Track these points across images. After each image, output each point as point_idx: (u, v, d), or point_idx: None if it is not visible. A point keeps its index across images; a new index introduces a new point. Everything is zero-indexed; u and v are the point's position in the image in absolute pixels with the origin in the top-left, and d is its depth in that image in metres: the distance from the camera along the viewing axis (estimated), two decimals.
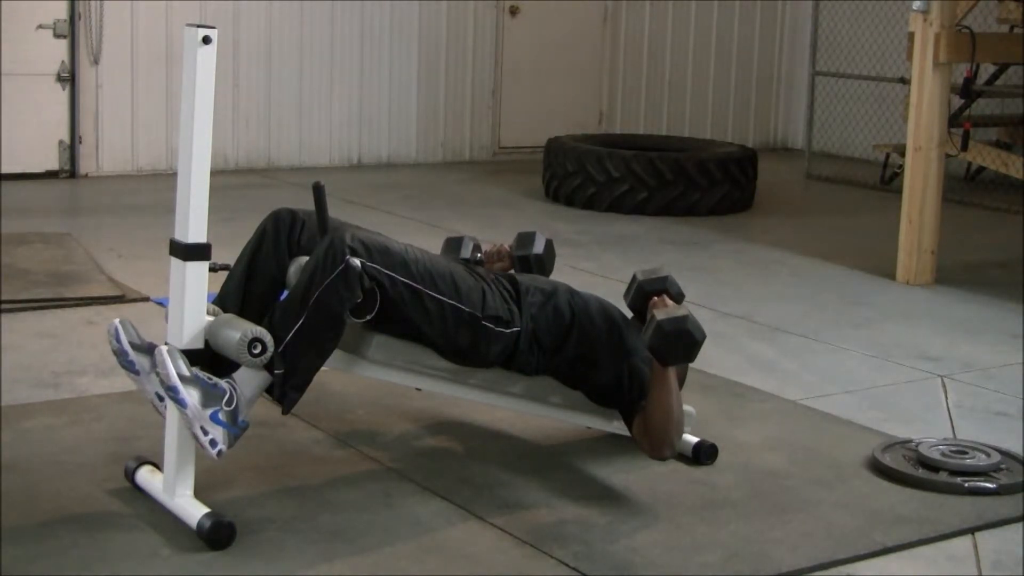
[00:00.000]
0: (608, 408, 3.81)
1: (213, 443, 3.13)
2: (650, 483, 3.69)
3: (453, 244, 4.10)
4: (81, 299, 5.48)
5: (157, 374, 3.15)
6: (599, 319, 3.72)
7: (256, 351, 3.15)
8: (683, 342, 3.43)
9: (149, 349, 3.28)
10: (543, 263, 4.05)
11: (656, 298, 3.65)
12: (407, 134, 10.19)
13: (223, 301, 3.44)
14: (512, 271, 3.97)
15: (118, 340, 3.31)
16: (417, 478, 3.66)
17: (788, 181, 10.14)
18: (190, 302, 3.20)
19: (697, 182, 8.34)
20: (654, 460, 3.62)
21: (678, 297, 3.70)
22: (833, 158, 11.03)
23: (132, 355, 3.30)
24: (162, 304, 4.90)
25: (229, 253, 3.55)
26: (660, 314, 3.44)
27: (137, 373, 3.32)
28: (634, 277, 3.80)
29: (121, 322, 3.34)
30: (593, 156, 8.41)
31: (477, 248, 4.08)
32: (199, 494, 3.28)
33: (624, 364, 3.67)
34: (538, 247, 4.05)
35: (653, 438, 3.54)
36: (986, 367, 5.08)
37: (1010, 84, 9.62)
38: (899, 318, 5.88)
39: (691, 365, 4.01)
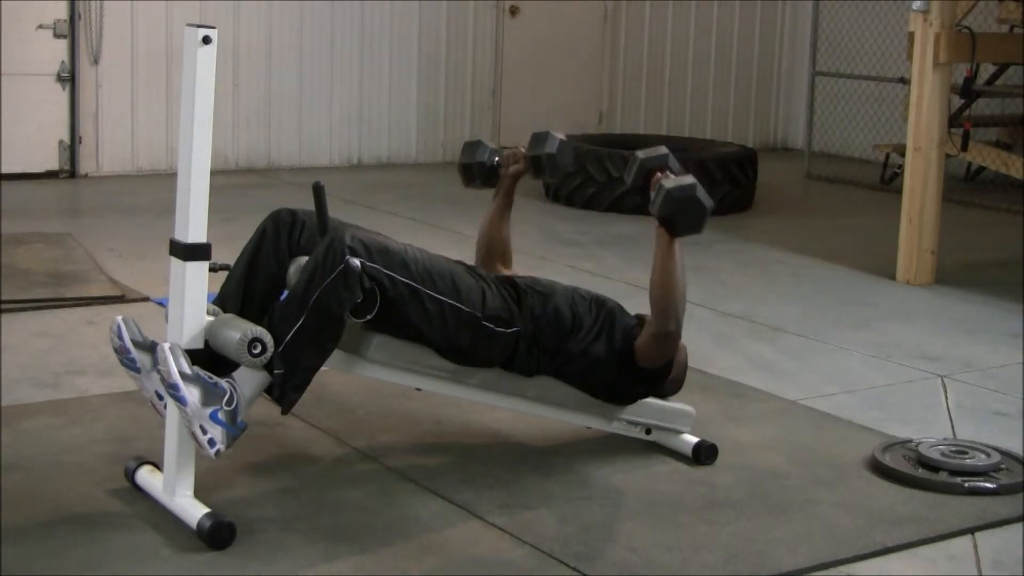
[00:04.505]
0: (612, 404, 3.80)
1: (212, 442, 3.13)
2: (650, 483, 3.69)
3: (470, 148, 4.06)
4: (81, 299, 5.48)
5: (158, 371, 3.15)
6: (599, 318, 3.72)
7: (256, 351, 3.15)
8: (692, 209, 3.45)
9: (151, 347, 3.28)
10: (556, 163, 3.95)
11: (659, 173, 3.65)
12: (407, 134, 10.19)
13: (223, 301, 3.44)
14: (512, 275, 3.98)
15: (120, 337, 3.31)
16: (417, 478, 3.66)
17: (788, 181, 10.14)
18: (190, 302, 3.20)
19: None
20: (660, 336, 3.63)
21: (679, 173, 3.69)
22: (833, 158, 11.03)
23: (134, 352, 3.30)
24: (162, 304, 4.89)
25: (229, 253, 3.55)
26: (668, 183, 3.47)
27: (138, 371, 3.32)
28: (635, 156, 3.76)
29: (124, 319, 3.35)
30: (593, 156, 8.41)
31: (495, 152, 4.05)
32: (199, 494, 3.28)
33: (626, 359, 3.68)
34: (551, 147, 3.94)
35: (658, 310, 3.57)
36: (986, 367, 5.08)
37: (1010, 84, 9.61)
38: (899, 318, 5.88)
39: (691, 365, 4.03)
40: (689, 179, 3.50)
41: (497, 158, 4.03)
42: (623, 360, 3.69)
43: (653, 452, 3.91)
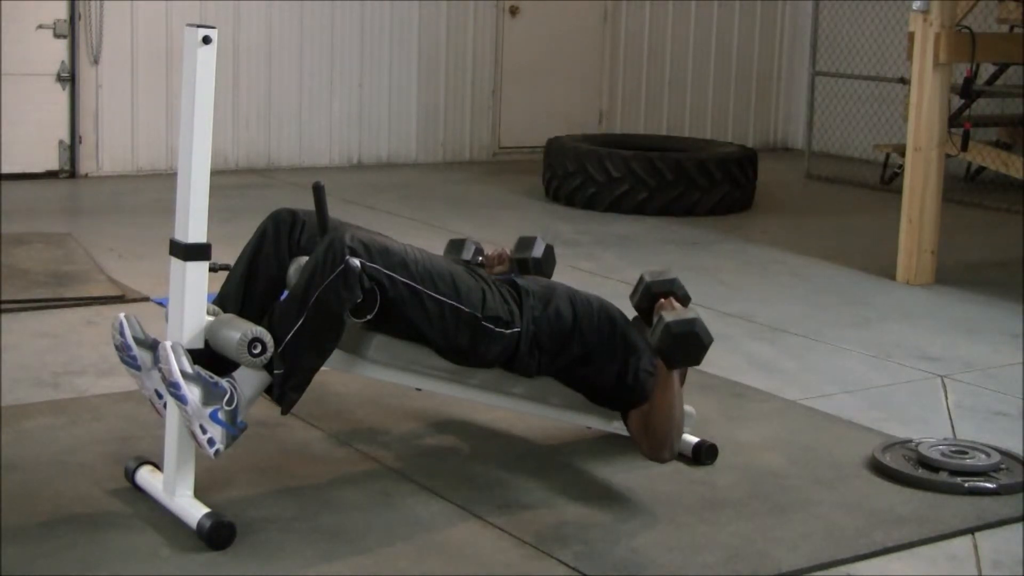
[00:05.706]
0: (609, 409, 3.80)
1: (211, 442, 3.13)
2: (650, 483, 3.69)
3: (455, 246, 4.10)
4: (81, 299, 5.48)
5: (160, 370, 3.15)
6: (600, 320, 3.71)
7: (256, 351, 3.15)
8: (691, 345, 3.41)
9: (152, 345, 3.28)
10: (541, 267, 4.05)
11: (663, 299, 3.62)
12: (407, 134, 10.20)
13: (223, 301, 3.44)
14: (512, 275, 3.98)
15: (122, 334, 3.31)
16: (417, 478, 3.66)
17: (788, 181, 10.14)
18: (190, 302, 3.20)
19: (697, 182, 8.34)
20: (652, 462, 3.62)
21: (685, 300, 3.67)
22: (833, 158, 11.03)
23: (135, 350, 3.30)
24: (162, 304, 4.89)
25: (229, 253, 3.55)
26: (669, 316, 3.42)
27: (138, 369, 3.32)
28: (641, 278, 3.77)
29: (126, 316, 3.35)
30: (593, 156, 8.41)
31: (479, 251, 4.08)
32: (199, 494, 3.28)
33: (626, 365, 3.66)
34: (537, 251, 4.05)
35: (653, 440, 3.54)
36: (986, 367, 5.08)
37: (1010, 84, 9.61)
38: (899, 318, 5.88)
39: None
40: (691, 313, 3.45)
41: (481, 257, 4.05)
42: (622, 369, 3.68)
43: None
